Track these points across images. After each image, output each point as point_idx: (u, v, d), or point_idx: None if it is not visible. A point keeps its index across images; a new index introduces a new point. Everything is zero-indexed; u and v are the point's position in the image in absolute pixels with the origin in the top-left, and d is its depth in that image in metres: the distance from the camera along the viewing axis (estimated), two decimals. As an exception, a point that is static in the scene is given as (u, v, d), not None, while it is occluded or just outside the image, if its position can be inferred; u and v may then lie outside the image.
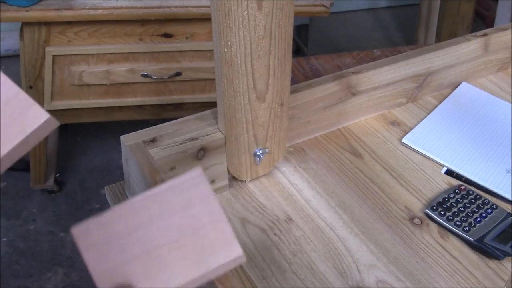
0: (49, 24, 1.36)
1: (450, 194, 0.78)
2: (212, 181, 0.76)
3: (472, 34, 0.99)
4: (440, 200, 0.77)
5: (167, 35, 1.44)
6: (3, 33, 2.33)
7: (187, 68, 1.47)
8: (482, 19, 2.63)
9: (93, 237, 0.41)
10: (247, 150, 0.75)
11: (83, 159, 1.87)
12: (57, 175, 1.75)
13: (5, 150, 0.40)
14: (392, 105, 0.94)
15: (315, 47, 2.57)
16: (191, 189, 0.43)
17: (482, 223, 0.74)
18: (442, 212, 0.75)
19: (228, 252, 0.43)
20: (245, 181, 0.79)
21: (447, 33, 2.31)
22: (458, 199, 0.77)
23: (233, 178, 0.78)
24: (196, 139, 0.73)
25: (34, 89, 1.45)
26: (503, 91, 1.01)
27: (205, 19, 1.40)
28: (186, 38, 1.45)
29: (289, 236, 0.72)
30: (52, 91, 1.45)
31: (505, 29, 1.01)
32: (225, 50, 0.66)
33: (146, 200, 0.43)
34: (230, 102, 0.70)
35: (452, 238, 0.73)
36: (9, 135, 0.40)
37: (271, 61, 0.69)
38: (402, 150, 0.86)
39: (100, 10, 1.35)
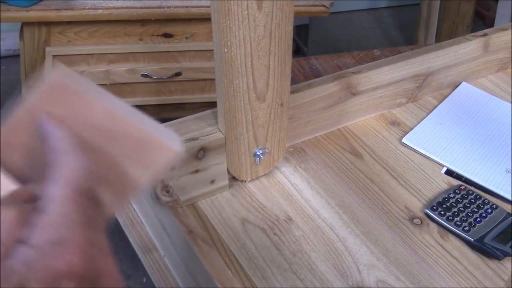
0: (49, 24, 1.36)
1: (450, 194, 0.77)
2: (212, 181, 0.76)
3: (472, 34, 0.99)
4: (440, 200, 0.76)
5: (167, 35, 1.44)
6: (3, 33, 2.33)
7: (187, 68, 1.47)
8: (482, 19, 2.63)
9: None
10: (247, 150, 0.75)
11: (83, 159, 1.87)
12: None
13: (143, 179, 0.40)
14: (392, 105, 0.94)
15: (315, 47, 2.57)
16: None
17: (482, 223, 0.74)
18: (442, 212, 0.75)
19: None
20: (245, 181, 0.79)
21: (447, 33, 2.31)
22: (458, 199, 0.77)
23: (233, 178, 0.78)
24: (196, 139, 0.73)
25: (34, 89, 1.45)
26: (503, 91, 1.01)
27: (205, 19, 1.40)
28: (186, 38, 1.45)
29: (289, 236, 0.72)
30: (52, 91, 1.45)
31: (505, 29, 1.01)
32: (225, 50, 0.66)
33: None
34: (230, 102, 0.70)
35: (452, 238, 0.73)
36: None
37: (271, 61, 0.69)
38: (402, 150, 0.86)
39: (100, 10, 1.35)
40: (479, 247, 0.71)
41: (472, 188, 0.79)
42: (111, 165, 0.39)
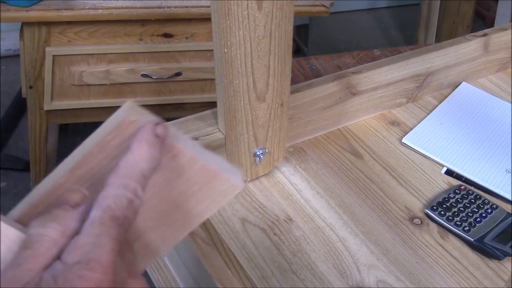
0: (49, 24, 1.36)
1: (450, 194, 0.78)
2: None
3: (472, 34, 0.99)
4: (440, 200, 0.76)
5: (167, 35, 1.44)
6: (3, 33, 2.33)
7: (187, 68, 1.47)
8: (482, 19, 2.63)
9: None
10: (247, 150, 0.75)
11: (83, 159, 1.87)
12: (57, 175, 1.75)
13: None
14: (392, 105, 0.94)
15: (315, 47, 2.57)
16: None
17: (482, 223, 0.74)
18: (442, 212, 0.75)
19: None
20: (245, 181, 0.79)
21: (447, 33, 2.31)
22: (458, 199, 0.77)
23: (233, 178, 0.78)
24: (196, 139, 0.73)
25: (34, 89, 1.45)
26: (503, 91, 1.01)
27: (205, 19, 1.40)
28: (186, 38, 1.45)
29: (289, 236, 0.72)
30: (52, 91, 1.45)
31: (505, 29, 1.01)
32: (225, 50, 0.66)
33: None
34: (230, 102, 0.70)
35: (452, 238, 0.73)
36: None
37: (271, 61, 0.69)
38: (402, 150, 0.86)
39: (100, 10, 1.35)
40: (479, 247, 0.71)
41: (472, 188, 0.79)
42: (174, 202, 0.40)
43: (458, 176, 0.82)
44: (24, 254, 0.33)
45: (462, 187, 0.79)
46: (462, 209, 0.76)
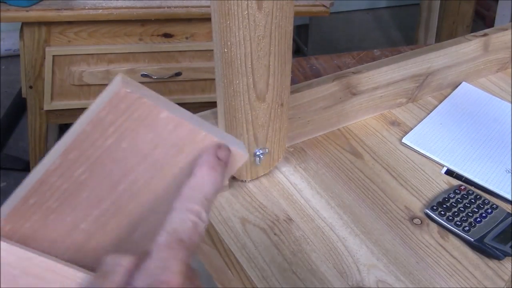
0: (49, 24, 1.36)
1: (450, 194, 0.78)
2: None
3: (472, 34, 0.99)
4: (440, 200, 0.77)
5: (167, 35, 1.44)
6: (3, 33, 2.33)
7: (187, 68, 1.47)
8: (482, 19, 2.63)
9: None
10: (247, 150, 0.75)
11: (83, 159, 1.87)
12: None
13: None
14: (392, 105, 0.94)
15: (315, 47, 2.57)
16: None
17: (482, 223, 0.74)
18: (442, 212, 0.75)
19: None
20: (245, 181, 0.79)
21: (447, 33, 2.31)
22: (458, 199, 0.77)
23: (233, 178, 0.78)
24: (196, 139, 0.73)
25: (34, 89, 1.45)
26: (503, 91, 1.01)
27: (205, 19, 1.40)
28: (186, 38, 1.45)
29: (289, 236, 0.72)
30: (52, 91, 1.45)
31: (505, 29, 1.01)
32: (225, 50, 0.66)
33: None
34: (230, 102, 0.70)
35: (452, 238, 0.73)
36: None
37: (271, 61, 0.69)
38: (402, 150, 0.86)
39: (100, 10, 1.35)
40: (479, 247, 0.71)
41: (472, 188, 0.79)
42: (177, 179, 0.38)
43: (458, 176, 0.82)
44: (100, 283, 0.34)
45: (462, 187, 0.79)
46: (462, 209, 0.76)
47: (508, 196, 0.79)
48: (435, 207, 0.75)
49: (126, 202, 0.38)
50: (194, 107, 1.52)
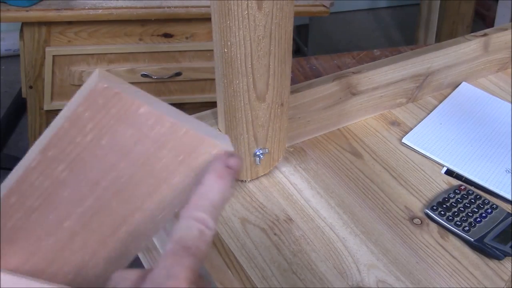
0: (49, 24, 1.36)
1: (450, 194, 0.78)
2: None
3: (472, 34, 0.99)
4: (440, 200, 0.77)
5: (167, 35, 1.44)
6: (3, 33, 2.33)
7: (187, 68, 1.47)
8: (482, 19, 2.63)
9: None
10: (247, 150, 0.75)
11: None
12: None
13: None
14: (392, 105, 0.94)
15: (315, 47, 2.57)
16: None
17: (482, 223, 0.74)
18: (442, 212, 0.75)
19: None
20: (245, 181, 0.79)
21: (447, 33, 2.31)
22: (458, 199, 0.77)
23: (233, 178, 0.78)
24: (196, 139, 0.73)
25: (34, 89, 1.45)
26: (503, 91, 1.01)
27: (205, 19, 1.40)
28: (186, 38, 1.45)
29: (289, 236, 0.72)
30: (52, 91, 1.45)
31: (505, 29, 1.01)
32: (225, 50, 0.66)
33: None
34: (230, 102, 0.70)
35: (452, 238, 0.73)
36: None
37: (271, 61, 0.69)
38: (402, 150, 0.86)
39: (100, 10, 1.35)
40: (479, 247, 0.71)
41: (472, 188, 0.79)
42: (159, 177, 0.37)
43: (458, 176, 0.82)
44: None
45: (462, 187, 0.79)
46: (462, 209, 0.76)
47: (508, 196, 0.79)
48: (435, 207, 0.75)
49: (109, 200, 0.37)
50: (194, 107, 1.52)
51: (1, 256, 0.36)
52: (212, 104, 0.75)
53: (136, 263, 0.41)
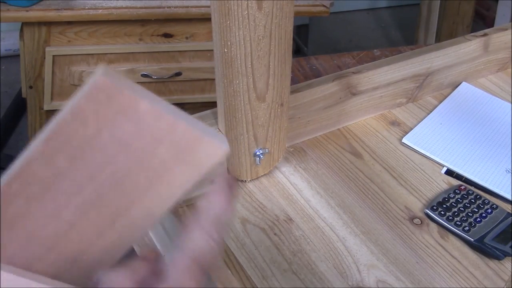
0: (49, 24, 1.36)
1: (450, 194, 0.78)
2: (212, 181, 0.76)
3: (472, 34, 0.99)
4: (440, 200, 0.77)
5: (167, 35, 1.44)
6: (3, 33, 2.33)
7: (187, 68, 1.47)
8: (482, 19, 2.63)
9: None
10: (247, 150, 0.75)
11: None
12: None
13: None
14: (392, 105, 0.94)
15: (315, 47, 2.57)
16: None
17: (482, 223, 0.74)
18: (442, 212, 0.75)
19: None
20: (245, 181, 0.79)
21: (447, 33, 2.31)
22: (458, 199, 0.77)
23: (233, 178, 0.78)
24: (196, 139, 0.73)
25: (34, 89, 1.45)
26: (503, 91, 1.01)
27: (205, 19, 1.40)
28: (186, 38, 1.45)
29: (289, 236, 0.72)
30: (52, 91, 1.45)
31: (505, 29, 1.01)
32: (225, 50, 0.66)
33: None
34: (230, 102, 0.70)
35: (452, 238, 0.73)
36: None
37: (271, 61, 0.69)
38: (402, 150, 0.86)
39: (100, 10, 1.35)
40: (479, 247, 0.71)
41: (472, 188, 0.79)
42: (156, 173, 0.38)
43: (458, 176, 0.82)
44: None
45: (462, 187, 0.79)
46: (462, 209, 0.76)
47: (508, 196, 0.79)
48: (435, 207, 0.75)
49: (107, 192, 0.38)
50: (194, 107, 1.52)
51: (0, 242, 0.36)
52: (212, 104, 0.75)
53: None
